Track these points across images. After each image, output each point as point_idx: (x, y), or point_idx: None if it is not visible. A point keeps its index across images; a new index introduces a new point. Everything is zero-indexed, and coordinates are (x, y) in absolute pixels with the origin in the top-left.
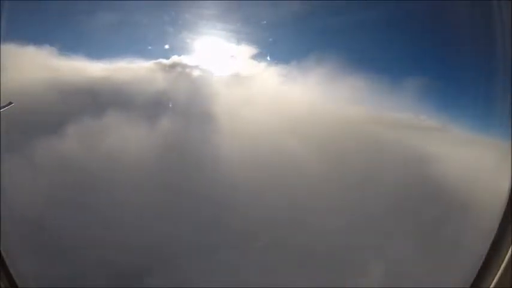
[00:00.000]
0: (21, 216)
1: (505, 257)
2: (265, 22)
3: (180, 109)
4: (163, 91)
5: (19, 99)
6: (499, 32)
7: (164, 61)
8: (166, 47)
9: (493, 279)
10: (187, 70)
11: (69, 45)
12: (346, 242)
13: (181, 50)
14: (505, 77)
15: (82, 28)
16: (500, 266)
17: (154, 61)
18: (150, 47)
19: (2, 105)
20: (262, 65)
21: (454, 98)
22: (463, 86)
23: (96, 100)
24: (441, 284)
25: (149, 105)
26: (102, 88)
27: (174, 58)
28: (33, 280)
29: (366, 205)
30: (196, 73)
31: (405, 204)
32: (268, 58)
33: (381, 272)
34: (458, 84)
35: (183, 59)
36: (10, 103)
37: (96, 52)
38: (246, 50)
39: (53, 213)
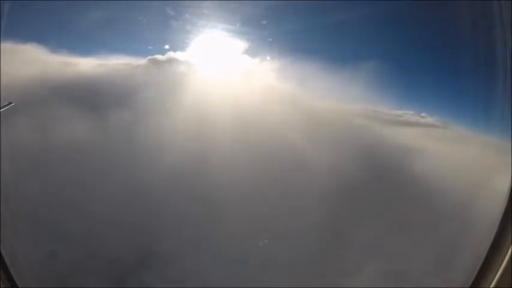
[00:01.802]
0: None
1: (505, 257)
2: (265, 22)
3: (174, 105)
4: (160, 88)
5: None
6: (499, 32)
7: (160, 57)
8: (164, 44)
9: (493, 279)
10: (183, 67)
11: (64, 43)
12: (345, 238)
13: (177, 47)
14: (505, 76)
15: (76, 26)
16: (500, 266)
17: (151, 57)
18: (148, 45)
19: (2, 105)
20: (261, 62)
21: (454, 97)
22: (464, 86)
23: (90, 96)
24: (441, 284)
25: (147, 102)
26: (96, 84)
27: (170, 55)
28: (33, 280)
29: (364, 203)
30: (191, 70)
31: (403, 203)
32: (268, 58)
33: (379, 271)
34: (458, 83)
35: (179, 56)
36: (10, 103)
37: (91, 49)
38: (245, 48)
39: (52, 211)
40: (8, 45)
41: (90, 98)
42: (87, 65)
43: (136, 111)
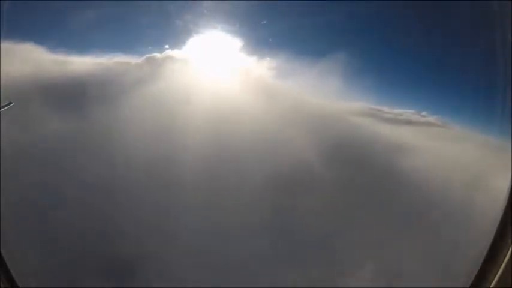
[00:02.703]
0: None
1: (505, 257)
2: (265, 22)
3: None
4: (158, 86)
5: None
6: (499, 32)
7: (158, 56)
8: (163, 42)
9: (493, 279)
10: (181, 66)
11: (62, 42)
12: (345, 239)
13: (176, 46)
14: (505, 76)
15: (74, 25)
16: (500, 266)
17: (149, 55)
18: (147, 44)
19: (2, 105)
20: (262, 62)
21: (454, 96)
22: (464, 85)
23: (88, 94)
24: (441, 284)
25: (145, 100)
26: (94, 82)
27: (169, 53)
28: (33, 280)
29: (363, 203)
30: (189, 69)
31: (401, 203)
32: (268, 58)
33: (377, 271)
34: (458, 83)
35: (177, 54)
36: (10, 103)
37: (88, 48)
38: (244, 48)
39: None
40: (6, 45)
41: (89, 96)
42: (85, 63)
43: (135, 109)
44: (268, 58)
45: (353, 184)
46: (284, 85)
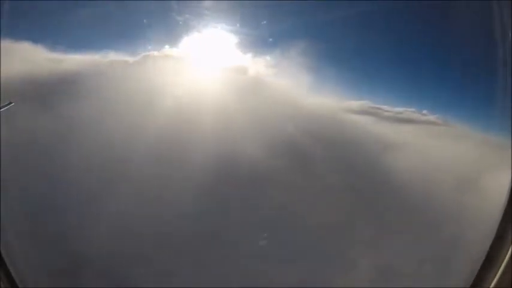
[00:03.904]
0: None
1: (505, 257)
2: (265, 22)
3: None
4: (157, 85)
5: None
6: (499, 32)
7: (156, 54)
8: (161, 42)
9: (493, 279)
10: (180, 65)
11: (61, 41)
12: (344, 239)
13: (174, 45)
14: (505, 76)
15: (72, 24)
16: (500, 266)
17: (147, 54)
18: (146, 43)
19: (2, 104)
20: (261, 61)
21: (455, 95)
22: (464, 85)
23: (87, 93)
24: (441, 284)
25: (143, 99)
26: (93, 81)
27: (167, 52)
28: (32, 280)
29: (362, 203)
30: (188, 68)
31: (401, 203)
32: (268, 58)
33: (376, 271)
34: (459, 82)
35: (176, 54)
36: (10, 103)
37: (87, 47)
38: (244, 47)
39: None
40: (5, 45)
41: (85, 95)
42: (82, 62)
43: (133, 108)
44: (268, 57)
45: (352, 183)
46: (284, 84)
